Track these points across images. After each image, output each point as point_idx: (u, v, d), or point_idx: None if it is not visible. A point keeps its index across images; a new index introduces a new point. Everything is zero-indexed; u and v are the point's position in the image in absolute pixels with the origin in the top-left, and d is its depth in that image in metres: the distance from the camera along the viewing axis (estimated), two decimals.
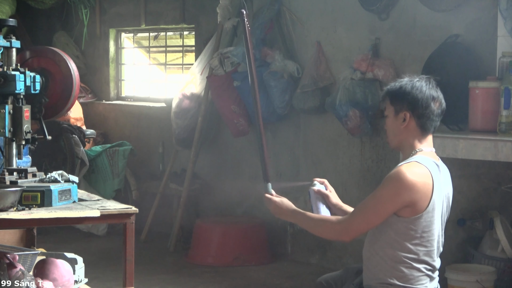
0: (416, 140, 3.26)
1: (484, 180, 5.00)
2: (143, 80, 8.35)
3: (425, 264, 3.24)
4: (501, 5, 4.81)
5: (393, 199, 3.13)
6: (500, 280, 4.70)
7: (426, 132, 3.26)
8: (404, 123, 3.24)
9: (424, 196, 3.15)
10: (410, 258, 3.20)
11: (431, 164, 3.21)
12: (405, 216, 3.16)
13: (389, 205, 3.14)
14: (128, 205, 3.64)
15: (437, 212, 3.23)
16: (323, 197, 3.62)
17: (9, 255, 3.68)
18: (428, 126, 3.25)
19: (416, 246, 3.20)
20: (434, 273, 3.29)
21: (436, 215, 3.21)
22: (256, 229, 6.39)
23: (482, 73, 4.96)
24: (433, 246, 3.24)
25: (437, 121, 3.28)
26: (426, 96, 3.23)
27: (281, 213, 3.44)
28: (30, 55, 4.01)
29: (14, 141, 3.72)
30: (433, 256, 3.27)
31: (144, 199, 7.36)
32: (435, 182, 3.18)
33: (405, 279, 3.21)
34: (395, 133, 3.29)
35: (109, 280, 5.53)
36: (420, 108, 3.22)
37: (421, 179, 3.13)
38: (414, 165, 3.15)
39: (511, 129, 4.57)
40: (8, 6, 7.92)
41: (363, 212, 3.20)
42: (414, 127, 3.24)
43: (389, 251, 3.21)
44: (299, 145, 6.42)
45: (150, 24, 7.90)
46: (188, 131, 6.86)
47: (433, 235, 3.23)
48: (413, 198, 3.13)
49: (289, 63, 6.19)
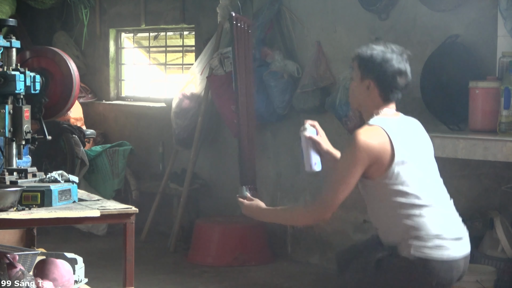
0: (376, 107, 3.34)
1: (484, 180, 5.00)
2: (143, 80, 8.35)
3: (426, 208, 3.25)
4: (501, 5, 4.81)
5: (354, 164, 3.21)
6: (500, 280, 4.70)
7: (387, 102, 3.34)
8: (367, 91, 3.33)
9: (383, 151, 3.21)
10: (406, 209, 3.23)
11: (386, 121, 3.28)
12: (377, 176, 3.23)
13: (352, 170, 3.22)
14: (128, 205, 3.64)
15: (415, 161, 3.27)
16: (314, 143, 3.63)
17: (9, 255, 3.68)
18: (391, 97, 3.34)
19: (403, 197, 3.24)
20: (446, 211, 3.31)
21: (414, 164, 3.26)
22: (256, 229, 6.39)
23: (482, 73, 4.96)
24: (426, 189, 3.28)
25: (400, 93, 3.35)
26: (393, 70, 3.29)
27: (252, 214, 3.49)
28: (30, 55, 4.01)
29: (14, 141, 3.72)
30: (432, 198, 3.29)
31: (144, 199, 7.35)
32: (391, 135, 3.24)
33: (414, 229, 3.23)
34: (357, 97, 3.39)
35: (109, 280, 5.53)
36: (386, 81, 3.30)
37: (373, 137, 3.21)
38: (365, 128, 3.26)
39: (511, 129, 4.57)
40: (8, 6, 7.92)
41: (332, 187, 3.26)
42: (376, 96, 3.33)
43: (389, 214, 3.27)
44: (299, 145, 6.41)
45: (150, 24, 7.90)
46: (188, 131, 6.86)
47: (422, 180, 3.27)
48: (372, 156, 3.21)
49: (289, 63, 6.19)
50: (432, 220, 3.25)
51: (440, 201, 3.32)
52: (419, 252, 3.23)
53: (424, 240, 3.23)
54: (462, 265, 3.34)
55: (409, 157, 3.26)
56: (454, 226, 3.34)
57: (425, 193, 3.28)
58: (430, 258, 3.23)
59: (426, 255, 3.23)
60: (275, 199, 6.60)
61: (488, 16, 5.04)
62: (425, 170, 3.33)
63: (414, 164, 3.28)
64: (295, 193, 6.45)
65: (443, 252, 3.25)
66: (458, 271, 3.31)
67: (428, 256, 3.23)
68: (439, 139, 4.56)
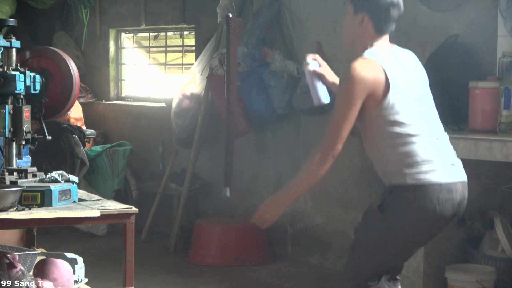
0: (370, 40, 3.38)
1: (484, 180, 5.00)
2: (143, 80, 8.35)
3: (420, 136, 3.31)
4: (501, 5, 4.81)
5: (352, 98, 3.25)
6: (500, 280, 4.70)
7: (381, 34, 3.39)
8: (361, 25, 3.37)
9: (379, 83, 3.25)
10: (400, 137, 3.28)
11: (381, 53, 3.32)
12: (373, 107, 3.27)
13: (351, 105, 3.25)
14: (128, 205, 3.63)
15: (409, 92, 3.32)
16: (319, 76, 3.67)
17: (9, 255, 3.68)
18: (384, 29, 3.39)
19: (397, 127, 3.29)
20: (439, 140, 3.37)
21: (408, 95, 3.31)
22: (256, 229, 6.34)
23: (482, 73, 4.96)
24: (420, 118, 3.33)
25: (394, 24, 3.40)
26: (387, 2, 3.34)
27: (276, 207, 3.44)
28: (30, 55, 4.01)
29: (14, 141, 3.72)
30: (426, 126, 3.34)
31: (144, 199, 7.35)
32: (386, 67, 3.28)
33: (408, 156, 3.28)
34: (351, 32, 3.43)
35: (109, 280, 5.53)
36: (379, 14, 3.35)
37: (368, 69, 3.25)
38: (360, 61, 3.28)
39: (511, 129, 4.57)
40: (8, 6, 7.93)
41: (335, 125, 3.28)
42: (370, 29, 3.38)
43: (384, 144, 3.32)
44: (299, 145, 6.42)
45: (150, 24, 7.90)
46: (188, 131, 6.86)
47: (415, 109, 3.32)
48: (368, 89, 3.25)
49: (289, 63, 6.19)
50: (426, 147, 3.30)
51: (434, 130, 3.38)
52: (415, 179, 3.27)
53: (418, 166, 3.27)
54: (461, 189, 3.36)
55: (404, 87, 3.31)
56: (447, 154, 3.39)
57: (419, 122, 3.33)
58: (427, 182, 3.27)
59: (423, 181, 3.27)
60: None
61: (488, 16, 5.04)
62: (420, 100, 3.38)
63: (409, 94, 3.33)
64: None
65: (438, 175, 3.28)
66: (457, 195, 3.33)
67: (426, 181, 3.27)
68: None
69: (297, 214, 6.44)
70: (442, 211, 3.28)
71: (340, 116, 3.27)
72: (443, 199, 3.28)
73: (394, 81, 3.28)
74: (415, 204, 3.28)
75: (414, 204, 3.28)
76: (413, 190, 3.28)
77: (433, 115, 3.44)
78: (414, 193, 3.28)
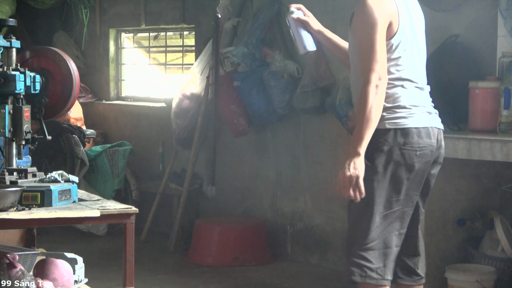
0: None
1: (484, 180, 5.00)
2: (143, 80, 8.35)
3: (409, 81, 3.40)
4: (501, 5, 4.81)
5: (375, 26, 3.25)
6: (500, 280, 4.70)
7: None
8: None
9: (394, 14, 3.31)
10: (390, 79, 3.33)
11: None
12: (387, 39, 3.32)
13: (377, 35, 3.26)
14: (128, 205, 3.63)
15: (409, 32, 3.40)
16: (303, 23, 3.63)
17: (9, 255, 3.68)
18: None
19: (394, 67, 3.35)
20: (423, 90, 3.46)
21: (410, 38, 3.40)
22: (256, 229, 6.39)
23: (482, 73, 4.96)
24: (413, 65, 3.42)
25: None
26: None
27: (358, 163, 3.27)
28: (30, 55, 4.01)
29: (14, 141, 3.72)
30: (415, 74, 3.43)
31: (144, 199, 7.36)
32: (398, 5, 3.34)
33: (391, 99, 3.35)
34: None
35: (109, 280, 5.53)
36: None
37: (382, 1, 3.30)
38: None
39: (511, 129, 4.57)
40: (8, 6, 7.92)
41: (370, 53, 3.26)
42: None
43: None
44: (299, 145, 6.42)
45: (150, 24, 7.90)
46: (188, 131, 6.86)
47: (411, 55, 3.41)
48: (386, 14, 3.28)
49: (289, 63, 6.19)
50: (411, 93, 3.38)
51: (420, 79, 3.46)
52: (393, 124, 3.34)
53: (398, 111, 3.34)
54: (436, 134, 3.44)
55: (408, 30, 3.38)
56: (426, 103, 3.46)
57: (412, 68, 3.41)
58: (405, 126, 3.33)
59: (401, 124, 3.34)
60: (275, 199, 6.61)
61: (488, 16, 5.04)
62: (417, 46, 3.47)
63: (411, 38, 3.41)
64: (295, 193, 6.45)
65: (416, 120, 3.36)
66: (434, 139, 3.41)
67: (404, 125, 3.34)
68: None
69: (297, 214, 6.44)
70: (422, 156, 3.36)
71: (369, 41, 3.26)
72: (423, 143, 3.36)
73: (403, 21, 3.34)
74: (394, 150, 3.33)
75: (393, 151, 3.33)
76: (392, 134, 3.33)
77: (422, 63, 3.51)
78: (393, 137, 3.33)
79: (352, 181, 3.26)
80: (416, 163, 3.35)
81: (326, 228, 6.23)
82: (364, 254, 3.35)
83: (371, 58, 3.25)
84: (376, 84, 3.24)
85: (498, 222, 4.72)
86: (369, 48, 3.26)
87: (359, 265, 3.35)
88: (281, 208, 6.57)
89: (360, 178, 3.26)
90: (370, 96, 3.24)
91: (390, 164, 3.34)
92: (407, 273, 3.60)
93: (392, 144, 3.34)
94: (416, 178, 3.39)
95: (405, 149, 3.34)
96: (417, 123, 3.36)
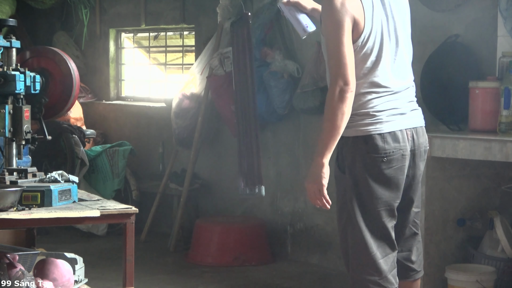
0: None
1: (484, 180, 5.00)
2: (143, 80, 8.35)
3: (376, 85, 3.27)
4: (501, 5, 4.81)
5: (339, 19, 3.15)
6: (500, 280, 4.70)
7: None
8: None
9: (358, 10, 3.19)
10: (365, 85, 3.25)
11: None
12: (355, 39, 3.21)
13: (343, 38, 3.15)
14: (128, 205, 3.64)
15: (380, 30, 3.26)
16: (295, 6, 3.62)
17: (9, 255, 3.68)
18: None
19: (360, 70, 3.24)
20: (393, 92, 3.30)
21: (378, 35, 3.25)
22: (256, 229, 6.39)
23: (482, 73, 4.96)
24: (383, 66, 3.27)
25: None
26: None
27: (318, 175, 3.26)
28: (30, 55, 4.02)
29: (14, 141, 3.72)
30: (385, 75, 3.28)
31: (144, 199, 7.35)
32: (364, 3, 3.22)
33: (355, 105, 3.23)
34: None
35: (109, 280, 5.53)
36: None
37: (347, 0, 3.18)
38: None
39: (511, 129, 4.57)
40: (8, 6, 7.92)
41: (337, 63, 3.16)
42: None
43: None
44: (299, 145, 6.42)
45: (150, 24, 7.90)
46: (188, 131, 6.86)
47: (381, 55, 3.27)
48: (351, 11, 3.16)
49: (289, 63, 6.19)
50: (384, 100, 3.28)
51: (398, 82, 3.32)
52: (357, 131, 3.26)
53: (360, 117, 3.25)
54: (410, 135, 3.32)
55: (379, 28, 3.26)
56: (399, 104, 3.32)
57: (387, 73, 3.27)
58: (369, 133, 3.24)
59: (365, 131, 3.25)
60: (275, 199, 6.61)
61: (488, 16, 5.04)
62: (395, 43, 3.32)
63: (385, 36, 3.27)
64: (295, 193, 6.45)
65: (380, 126, 3.24)
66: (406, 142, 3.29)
67: (368, 132, 3.24)
68: (439, 139, 4.56)
69: (297, 214, 6.44)
70: (390, 161, 3.25)
71: (334, 45, 3.16)
72: (389, 148, 3.25)
73: (371, 19, 3.23)
74: (362, 156, 3.26)
75: (361, 157, 3.26)
76: (357, 143, 3.26)
77: (402, 61, 3.36)
78: (358, 145, 3.26)
79: (316, 192, 3.26)
80: (384, 169, 3.26)
81: (326, 228, 6.23)
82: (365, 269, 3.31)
83: (338, 62, 3.16)
84: (341, 89, 3.15)
85: (498, 222, 4.72)
86: (336, 52, 3.17)
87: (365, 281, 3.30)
88: (281, 208, 6.57)
89: (323, 188, 3.23)
90: (334, 103, 3.15)
91: (358, 173, 3.28)
92: (406, 272, 3.57)
93: (356, 152, 3.27)
94: (391, 185, 3.29)
95: (370, 156, 3.25)
96: (382, 128, 3.26)
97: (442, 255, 4.83)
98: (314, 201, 3.30)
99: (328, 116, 3.17)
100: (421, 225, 4.55)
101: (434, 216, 4.75)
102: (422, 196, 4.60)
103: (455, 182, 4.85)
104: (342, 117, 3.15)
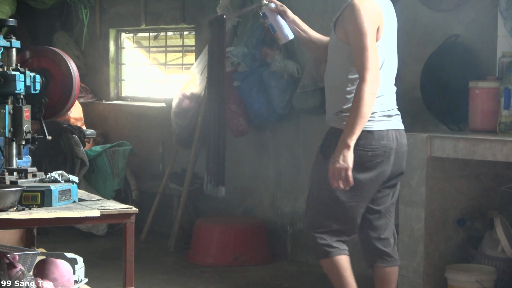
0: None
1: (484, 180, 5.00)
2: (143, 80, 8.35)
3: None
4: (501, 5, 4.81)
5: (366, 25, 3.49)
6: (500, 280, 4.70)
7: None
8: None
9: (381, 19, 3.56)
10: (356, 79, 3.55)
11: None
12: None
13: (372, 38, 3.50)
14: (128, 205, 3.64)
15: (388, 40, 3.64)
16: (281, 13, 3.86)
17: (9, 255, 3.68)
18: None
19: None
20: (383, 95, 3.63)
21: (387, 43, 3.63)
22: (256, 229, 6.39)
23: (482, 73, 4.96)
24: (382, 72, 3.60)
25: None
26: None
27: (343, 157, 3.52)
28: (30, 55, 4.01)
29: (14, 141, 3.72)
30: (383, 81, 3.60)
31: (144, 199, 7.35)
32: (384, 11, 3.58)
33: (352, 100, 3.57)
34: None
35: (109, 280, 5.53)
36: None
37: (372, 5, 3.54)
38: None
39: (511, 129, 4.57)
40: (8, 6, 7.92)
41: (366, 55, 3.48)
42: None
43: (344, 81, 3.59)
44: (299, 145, 6.42)
45: (150, 24, 7.90)
46: (188, 131, 6.86)
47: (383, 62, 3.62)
48: (376, 18, 3.53)
49: (289, 63, 6.19)
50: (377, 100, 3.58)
51: (387, 85, 3.67)
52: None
53: None
54: (394, 136, 3.66)
55: (386, 35, 3.60)
56: (388, 106, 3.66)
57: (383, 74, 3.60)
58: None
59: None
60: (275, 199, 6.61)
61: (488, 16, 5.04)
62: (391, 50, 3.68)
63: (387, 42, 3.63)
64: (295, 193, 6.45)
65: (371, 124, 3.58)
66: (390, 141, 3.63)
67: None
68: (439, 139, 4.56)
69: (297, 214, 6.44)
70: (374, 156, 3.58)
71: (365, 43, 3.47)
72: (375, 144, 3.58)
73: (384, 27, 3.57)
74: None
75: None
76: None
77: (392, 67, 3.71)
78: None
79: (342, 173, 3.50)
80: (367, 162, 3.60)
81: None
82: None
83: (368, 60, 3.47)
84: (373, 83, 3.47)
85: (498, 222, 4.72)
86: (365, 53, 3.48)
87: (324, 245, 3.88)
88: (281, 208, 6.57)
89: (349, 170, 3.50)
90: (366, 94, 3.45)
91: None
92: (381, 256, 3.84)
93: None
94: (371, 176, 3.62)
95: (358, 149, 3.56)
96: (373, 127, 3.60)
97: (442, 255, 4.83)
98: (337, 182, 3.55)
99: (360, 104, 3.47)
100: (421, 225, 4.57)
101: (434, 216, 4.75)
102: (422, 196, 4.61)
103: (455, 182, 4.85)
104: (370, 108, 3.49)
